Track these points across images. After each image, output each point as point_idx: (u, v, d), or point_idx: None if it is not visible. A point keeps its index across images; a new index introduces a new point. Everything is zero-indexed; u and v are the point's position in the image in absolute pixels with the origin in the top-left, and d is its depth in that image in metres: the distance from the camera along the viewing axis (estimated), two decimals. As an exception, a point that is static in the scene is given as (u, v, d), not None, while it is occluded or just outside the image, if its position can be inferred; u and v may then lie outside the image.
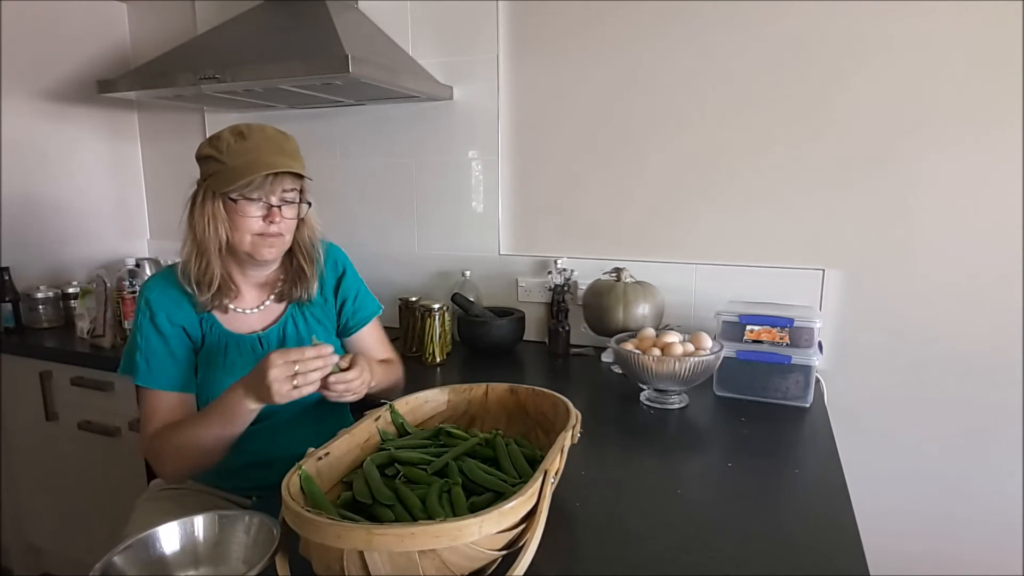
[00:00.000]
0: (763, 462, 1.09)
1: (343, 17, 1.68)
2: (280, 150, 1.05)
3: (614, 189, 1.76)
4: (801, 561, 0.79)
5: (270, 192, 1.05)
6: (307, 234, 1.18)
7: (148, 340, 1.08)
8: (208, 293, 1.08)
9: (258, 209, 1.05)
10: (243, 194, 1.04)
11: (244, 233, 1.06)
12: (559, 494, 0.97)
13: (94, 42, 2.24)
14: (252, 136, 1.04)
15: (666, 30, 1.64)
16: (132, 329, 1.11)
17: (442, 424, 1.03)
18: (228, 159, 1.03)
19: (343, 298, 1.27)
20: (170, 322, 1.09)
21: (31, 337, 1.96)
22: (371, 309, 1.31)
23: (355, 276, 1.31)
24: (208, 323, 1.12)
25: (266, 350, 1.14)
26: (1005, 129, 1.40)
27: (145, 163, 2.43)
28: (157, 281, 1.12)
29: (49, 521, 2.02)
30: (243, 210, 1.04)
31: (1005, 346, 1.47)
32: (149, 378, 1.07)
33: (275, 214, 1.06)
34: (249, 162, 1.02)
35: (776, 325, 1.36)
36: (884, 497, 1.59)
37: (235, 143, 1.03)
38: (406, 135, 1.97)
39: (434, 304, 1.68)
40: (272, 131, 1.08)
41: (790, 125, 1.56)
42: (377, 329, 1.34)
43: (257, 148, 1.03)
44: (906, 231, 1.51)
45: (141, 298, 1.10)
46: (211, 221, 1.05)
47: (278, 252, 1.11)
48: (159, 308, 1.09)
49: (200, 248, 1.07)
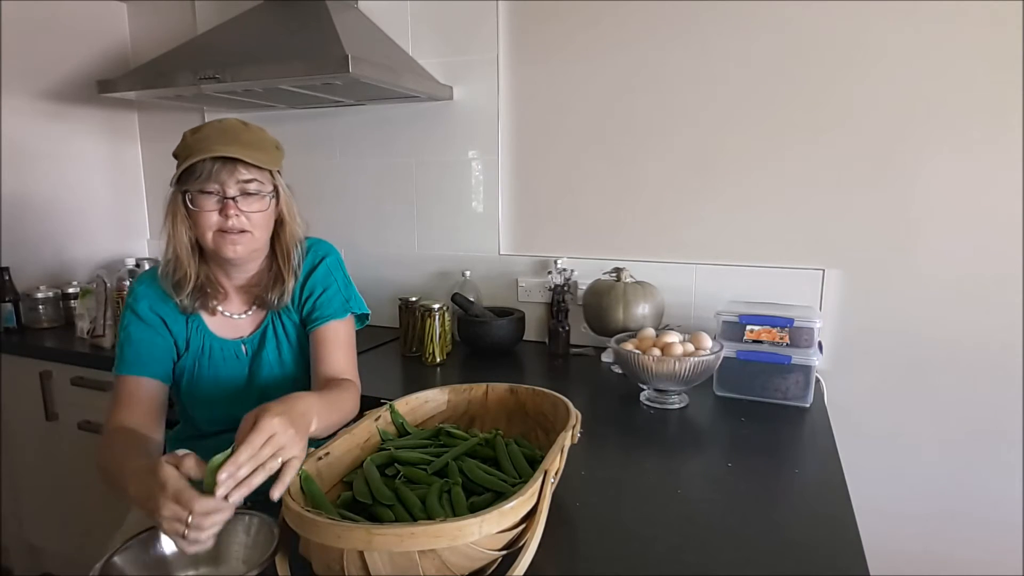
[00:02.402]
0: (763, 462, 1.09)
1: (343, 17, 1.68)
2: (234, 139, 0.99)
3: (614, 189, 1.76)
4: (801, 561, 0.79)
5: (225, 184, 0.99)
6: (287, 235, 1.11)
7: (127, 329, 1.07)
8: (184, 294, 1.06)
9: (213, 203, 1.00)
10: (198, 187, 0.99)
11: (204, 230, 1.02)
12: (559, 494, 0.96)
13: (94, 42, 2.24)
14: (205, 128, 1.01)
15: (665, 31, 1.63)
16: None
17: (442, 424, 1.03)
18: (181, 152, 1.01)
19: (308, 292, 1.15)
20: (152, 311, 1.07)
21: (31, 337, 1.96)
22: (332, 310, 1.14)
23: (332, 272, 1.17)
24: (194, 324, 1.10)
25: (248, 356, 1.14)
26: (1006, 129, 1.40)
27: (145, 163, 2.44)
28: (145, 275, 1.11)
29: (49, 521, 2.02)
30: (198, 203, 1.00)
31: (1005, 346, 1.47)
32: (122, 366, 1.05)
33: (229, 206, 1.00)
34: (195, 152, 0.98)
35: (776, 325, 1.36)
36: (884, 497, 1.59)
37: (190, 137, 1.01)
38: (406, 135, 1.97)
39: (434, 304, 1.68)
40: (232, 122, 1.03)
41: (790, 126, 1.56)
42: (337, 335, 1.14)
43: (207, 138, 0.99)
44: (906, 231, 1.51)
45: (128, 294, 1.10)
46: (174, 221, 1.03)
47: (245, 250, 1.04)
48: (142, 297, 1.08)
49: (174, 250, 1.04)
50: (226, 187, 1.00)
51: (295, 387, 1.14)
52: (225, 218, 1.00)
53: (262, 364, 1.14)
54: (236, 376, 1.14)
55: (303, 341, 1.17)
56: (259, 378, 1.14)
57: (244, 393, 1.13)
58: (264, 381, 1.14)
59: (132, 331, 1.06)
